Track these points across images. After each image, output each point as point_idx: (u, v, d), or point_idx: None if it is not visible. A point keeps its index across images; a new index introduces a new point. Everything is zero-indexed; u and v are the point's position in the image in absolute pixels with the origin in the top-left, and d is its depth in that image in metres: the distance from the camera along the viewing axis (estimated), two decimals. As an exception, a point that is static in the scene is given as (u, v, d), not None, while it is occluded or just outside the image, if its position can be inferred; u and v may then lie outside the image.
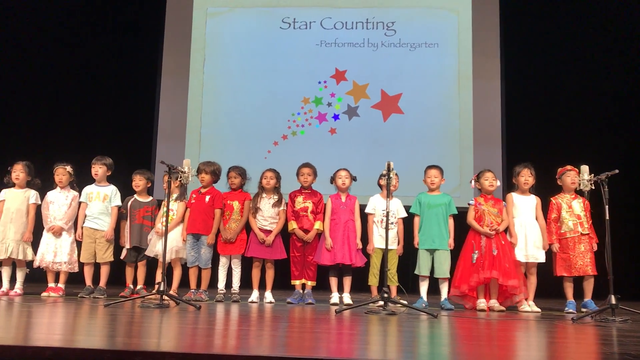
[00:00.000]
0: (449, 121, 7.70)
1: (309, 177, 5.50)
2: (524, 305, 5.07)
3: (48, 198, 5.61)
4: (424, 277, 5.30)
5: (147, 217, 5.67)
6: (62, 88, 8.04)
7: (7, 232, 5.45)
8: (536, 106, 7.65)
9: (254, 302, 5.25)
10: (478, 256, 5.10)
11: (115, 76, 8.03)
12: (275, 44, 8.02)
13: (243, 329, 3.41)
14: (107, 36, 8.10)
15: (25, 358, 2.35)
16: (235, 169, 5.58)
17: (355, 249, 5.33)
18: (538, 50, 7.72)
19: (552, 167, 5.74)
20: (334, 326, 3.60)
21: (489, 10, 7.88)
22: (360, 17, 8.03)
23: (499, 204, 5.30)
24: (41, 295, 5.35)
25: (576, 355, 2.76)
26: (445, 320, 4.14)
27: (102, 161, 5.70)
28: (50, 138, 7.79)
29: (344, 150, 7.51)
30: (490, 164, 6.40)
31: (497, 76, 7.74)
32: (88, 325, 3.42)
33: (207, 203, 5.45)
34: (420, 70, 7.83)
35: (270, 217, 5.45)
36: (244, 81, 7.93)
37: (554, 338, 3.37)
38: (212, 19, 8.11)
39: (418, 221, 5.40)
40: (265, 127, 7.79)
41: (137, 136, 7.89)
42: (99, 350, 2.43)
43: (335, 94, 7.86)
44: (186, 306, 4.51)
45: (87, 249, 5.54)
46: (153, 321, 3.56)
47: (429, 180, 5.46)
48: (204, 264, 5.40)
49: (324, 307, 5.02)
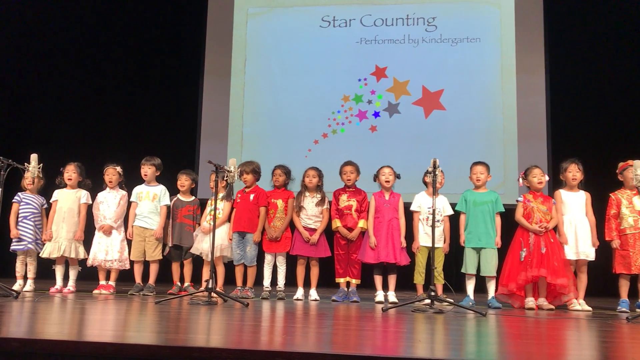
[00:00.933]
0: (493, 117, 7.57)
1: (352, 175, 5.50)
2: (574, 304, 4.95)
3: (98, 198, 5.78)
4: (471, 275, 5.24)
5: (188, 217, 5.77)
6: (109, 91, 8.26)
7: (60, 232, 5.63)
8: (582, 99, 7.45)
9: (299, 299, 5.29)
10: (526, 254, 5.01)
11: (160, 78, 8.21)
12: (315, 42, 8.04)
13: (289, 326, 3.44)
14: (151, 39, 8.28)
15: (80, 353, 2.43)
16: (281, 167, 5.63)
17: (400, 248, 5.30)
18: (583, 42, 7.52)
19: (603, 162, 5.59)
20: (379, 324, 3.59)
21: (532, 3, 7.71)
22: (401, 14, 7.97)
23: (548, 201, 5.19)
24: (93, 292, 5.51)
25: (632, 355, 2.68)
26: (492, 319, 4.08)
27: (152, 162, 5.83)
28: (99, 140, 8.01)
29: (385, 148, 7.48)
30: (535, 160, 6.28)
31: (542, 70, 7.57)
32: (140, 321, 3.50)
33: (251, 201, 5.52)
34: (462, 66, 7.73)
35: (314, 216, 5.48)
36: (285, 80, 7.99)
37: (608, 337, 3.29)
38: (252, 19, 8.19)
39: (464, 219, 5.34)
40: (305, 125, 7.82)
41: (181, 136, 8.04)
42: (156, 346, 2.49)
43: (376, 91, 7.83)
44: (233, 303, 4.58)
45: (136, 247, 5.68)
46: (202, 318, 3.62)
47: (474, 177, 5.38)
48: (250, 261, 5.47)
49: (369, 305, 5.02)
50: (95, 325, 3.28)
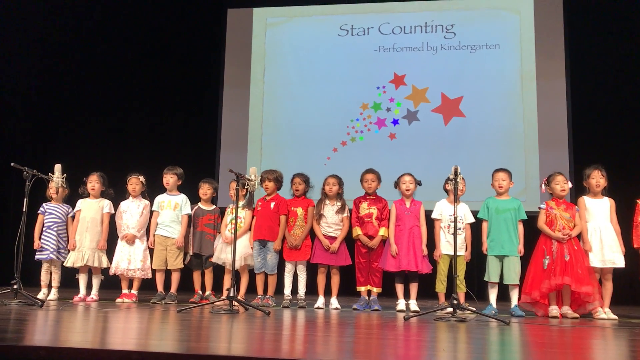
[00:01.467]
0: (513, 123, 7.52)
1: (373, 183, 5.49)
2: (599, 313, 4.87)
3: (121, 207, 5.84)
4: (494, 283, 5.19)
5: (209, 225, 5.80)
6: (131, 102, 8.38)
7: (83, 241, 5.70)
8: (604, 105, 7.37)
9: (320, 308, 5.28)
10: (549, 262, 4.95)
11: (181, 89, 8.31)
12: (333, 51, 8.07)
13: (310, 335, 3.44)
14: (171, 51, 8.38)
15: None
16: (300, 176, 5.64)
17: (421, 255, 5.27)
18: (604, 47, 7.44)
19: (625, 168, 5.52)
20: (401, 333, 3.58)
21: (552, 9, 7.66)
22: (419, 21, 7.97)
23: (571, 208, 5.12)
24: (115, 301, 5.56)
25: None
26: (516, 327, 4.03)
27: (173, 171, 5.89)
28: (122, 150, 8.12)
29: (405, 155, 7.46)
30: (557, 167, 6.20)
31: (562, 76, 7.51)
32: (162, 330, 3.52)
33: (272, 210, 5.53)
34: (482, 72, 7.70)
35: (334, 224, 5.47)
36: (303, 89, 8.02)
37: (636, 347, 3.23)
38: (271, 29, 8.25)
39: (486, 226, 5.29)
40: (324, 133, 7.84)
41: (201, 146, 8.12)
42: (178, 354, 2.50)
43: (394, 99, 7.83)
44: (254, 312, 4.59)
45: (158, 256, 5.72)
46: (223, 326, 3.63)
47: (496, 184, 5.34)
48: (270, 269, 5.48)
49: (390, 313, 4.99)
50: (119, 334, 3.31)
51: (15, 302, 4.71)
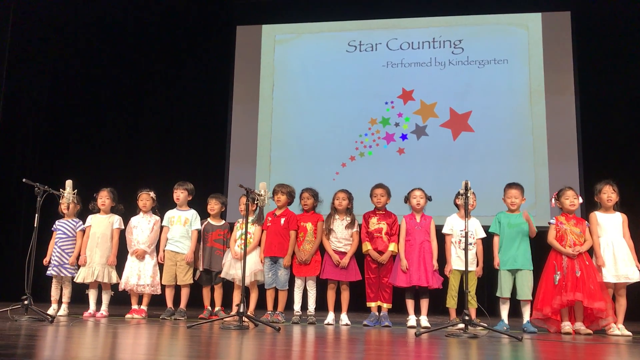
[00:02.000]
0: (522, 138, 7.51)
1: (382, 198, 5.48)
2: (613, 329, 4.81)
3: (132, 223, 5.85)
4: (505, 299, 5.14)
5: (218, 241, 5.80)
6: (142, 118, 8.45)
7: (93, 257, 5.71)
8: (614, 119, 7.36)
9: (330, 324, 5.25)
10: (560, 277, 4.90)
11: (191, 105, 8.38)
12: (341, 67, 8.11)
13: (320, 351, 3.41)
14: (181, 67, 8.46)
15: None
16: (309, 191, 5.65)
17: (432, 271, 5.24)
18: (613, 62, 7.44)
19: (636, 182, 5.49)
20: (412, 349, 3.54)
21: (560, 23, 7.68)
22: (427, 37, 8.01)
23: (581, 223, 5.08)
24: (125, 317, 5.55)
25: None
26: (528, 344, 3.99)
27: (184, 186, 5.90)
28: (132, 165, 8.16)
29: (413, 170, 7.45)
30: (567, 181, 6.17)
31: (571, 91, 7.51)
32: (172, 346, 3.51)
33: (282, 225, 5.53)
34: (490, 87, 7.71)
35: (344, 239, 5.46)
36: (312, 105, 8.06)
37: (652, 364, 3.19)
38: (280, 45, 8.31)
39: (498, 241, 5.26)
40: (333, 149, 7.86)
41: (211, 161, 8.16)
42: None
43: (403, 114, 7.85)
44: (264, 328, 4.57)
45: (168, 272, 5.72)
46: (233, 342, 3.62)
47: (509, 200, 5.30)
48: (281, 285, 5.47)
49: (401, 329, 4.95)
50: (128, 350, 3.30)
51: (25, 317, 4.72)
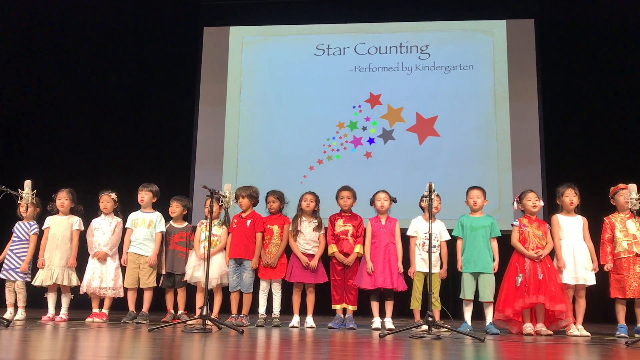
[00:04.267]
0: (487, 143, 7.61)
1: (349, 201, 5.49)
2: (572, 330, 4.91)
3: (93, 225, 5.73)
4: (468, 301, 5.20)
5: (180, 243, 5.73)
6: (104, 118, 8.27)
7: (52, 259, 5.58)
8: (575, 125, 7.52)
9: (295, 327, 5.22)
10: (522, 280, 4.98)
11: (156, 106, 8.24)
12: (309, 70, 8.11)
13: (285, 353, 3.39)
14: (146, 67, 8.33)
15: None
16: (274, 193, 5.61)
17: (397, 273, 5.26)
18: (576, 69, 7.62)
19: (597, 186, 5.61)
20: (377, 350, 3.55)
21: (524, 30, 7.83)
22: (394, 42, 8.07)
23: (543, 225, 5.18)
24: (85, 320, 5.43)
25: None
26: (491, 345, 4.03)
27: (149, 188, 5.81)
28: (95, 166, 7.99)
29: (380, 174, 7.48)
30: (530, 185, 6.29)
31: (535, 96, 7.65)
32: (134, 349, 3.44)
33: (248, 227, 5.48)
34: (456, 93, 7.80)
35: (312, 241, 5.44)
36: (280, 107, 8.03)
37: (608, 362, 3.25)
38: (248, 47, 8.27)
39: (461, 244, 5.31)
40: (301, 152, 7.84)
41: (176, 163, 8.04)
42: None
43: (370, 118, 7.88)
44: (228, 331, 4.51)
45: (130, 274, 5.61)
46: (196, 345, 3.56)
47: (471, 201, 5.38)
48: (246, 288, 5.41)
49: (366, 331, 4.96)
50: (89, 353, 3.23)
51: (-20, 321, 4.57)
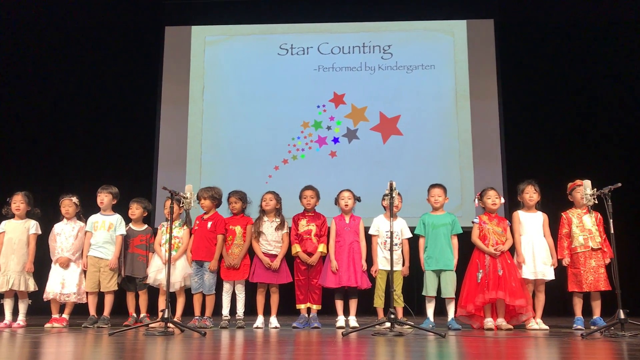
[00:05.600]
0: (449, 141, 7.72)
1: (312, 200, 5.49)
2: (531, 324, 5.01)
3: (55, 230, 5.60)
4: (431, 297, 5.25)
5: (140, 246, 5.65)
6: (62, 117, 8.08)
7: (9, 264, 5.42)
8: (535, 123, 7.71)
9: (259, 327, 5.20)
10: (483, 275, 5.06)
11: (117, 105, 8.10)
12: (273, 70, 8.10)
13: (249, 353, 3.37)
14: (107, 67, 8.17)
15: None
16: (235, 194, 5.57)
17: (361, 271, 5.29)
18: (534, 67, 7.81)
19: (556, 183, 5.74)
20: (341, 348, 3.56)
21: (484, 30, 7.98)
22: (357, 42, 8.12)
23: (503, 222, 5.28)
24: (45, 326, 5.30)
25: None
26: (453, 340, 4.09)
27: (108, 190, 5.70)
28: (52, 167, 7.81)
29: (345, 173, 7.52)
30: (491, 182, 6.39)
31: (495, 95, 7.80)
32: (95, 353, 3.38)
33: (209, 229, 5.43)
34: (418, 92, 7.89)
35: (274, 241, 5.41)
36: (244, 107, 7.99)
37: (565, 354, 3.33)
38: (210, 47, 8.20)
39: (423, 242, 5.37)
40: (265, 152, 7.82)
41: (138, 164, 7.92)
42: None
43: (335, 118, 7.91)
44: (191, 333, 4.46)
45: (91, 278, 5.50)
46: (158, 348, 3.52)
47: (432, 199, 5.44)
48: (208, 290, 5.36)
49: (330, 330, 4.97)
50: (50, 359, 3.15)
51: None
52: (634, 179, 7.11)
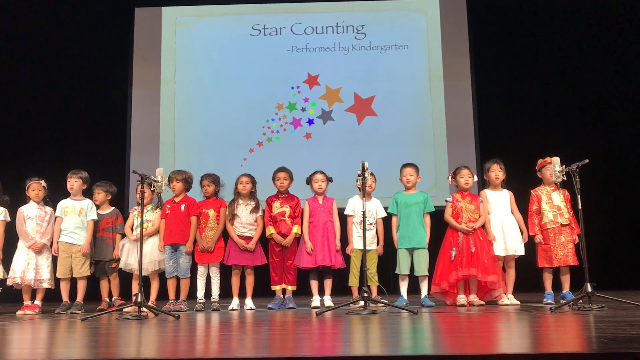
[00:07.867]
0: (423, 121, 7.76)
1: (285, 182, 5.49)
2: (503, 299, 5.11)
3: (24, 213, 5.50)
4: (404, 275, 5.31)
5: (107, 229, 5.61)
6: (30, 101, 7.90)
7: (-23, 252, 5.34)
8: (507, 102, 7.76)
9: (235, 309, 5.21)
10: (456, 253, 5.13)
11: (87, 89, 7.94)
12: (246, 51, 8.01)
13: (225, 334, 3.38)
14: (76, 49, 7.98)
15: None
16: (208, 177, 5.53)
17: (335, 250, 5.32)
18: (507, 48, 7.83)
19: (528, 161, 5.82)
20: (315, 327, 3.59)
21: (457, 9, 7.97)
22: (330, 22, 8.06)
23: (475, 200, 5.34)
24: (17, 313, 5.23)
25: (556, 341, 2.79)
26: (426, 317, 4.15)
27: (78, 175, 5.62)
28: (21, 152, 7.64)
29: (320, 155, 7.50)
30: (464, 162, 6.41)
31: (468, 75, 7.83)
32: (69, 338, 3.36)
33: (182, 212, 5.40)
34: (392, 72, 7.88)
35: (248, 224, 5.41)
36: (217, 89, 7.90)
37: (534, 327, 3.41)
38: (181, 28, 8.07)
39: (396, 221, 5.41)
40: (240, 134, 7.77)
41: (110, 148, 7.80)
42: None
43: (309, 99, 7.87)
44: (165, 316, 4.46)
45: (63, 264, 5.44)
46: (132, 332, 3.51)
47: (404, 178, 5.48)
48: (183, 273, 5.34)
49: (305, 310, 5.00)
50: (24, 346, 3.14)
51: None
52: (602, 156, 7.26)
